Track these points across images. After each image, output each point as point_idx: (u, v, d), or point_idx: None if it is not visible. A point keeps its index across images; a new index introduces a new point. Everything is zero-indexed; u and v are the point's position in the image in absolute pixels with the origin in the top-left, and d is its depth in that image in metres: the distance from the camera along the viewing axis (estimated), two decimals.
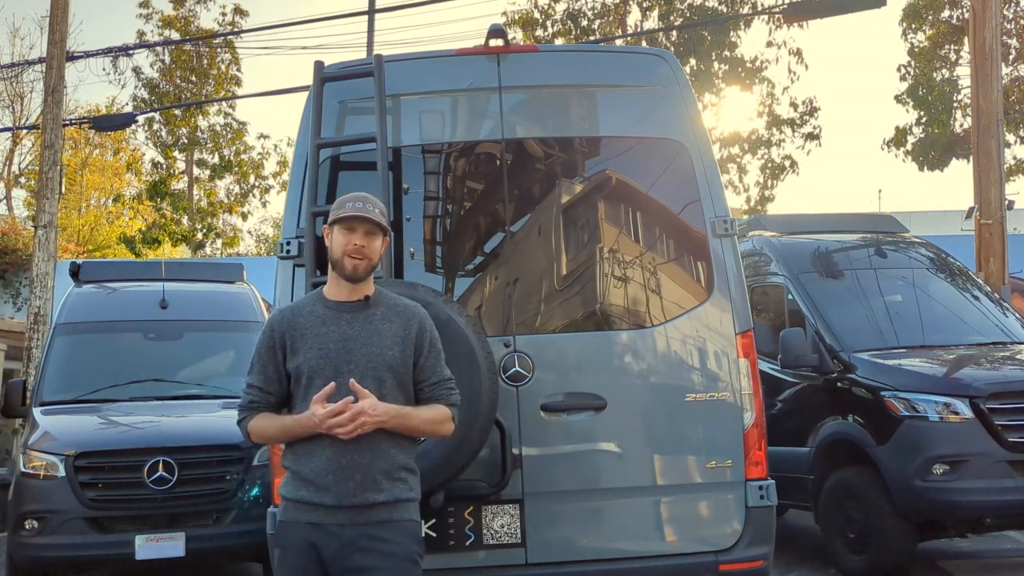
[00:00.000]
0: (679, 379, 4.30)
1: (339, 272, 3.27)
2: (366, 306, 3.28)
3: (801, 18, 16.21)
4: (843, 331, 7.36)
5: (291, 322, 3.28)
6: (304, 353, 3.22)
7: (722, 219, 4.40)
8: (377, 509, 3.15)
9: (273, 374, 3.28)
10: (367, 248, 3.24)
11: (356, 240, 3.23)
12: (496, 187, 4.45)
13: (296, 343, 3.24)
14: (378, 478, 3.15)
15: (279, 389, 3.29)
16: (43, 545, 6.37)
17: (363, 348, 3.21)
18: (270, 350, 3.28)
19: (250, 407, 3.30)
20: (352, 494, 3.12)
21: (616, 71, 4.65)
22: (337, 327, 3.23)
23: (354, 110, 4.50)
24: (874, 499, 6.68)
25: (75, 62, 15.02)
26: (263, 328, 3.37)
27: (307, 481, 3.16)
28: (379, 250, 3.29)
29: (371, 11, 15.87)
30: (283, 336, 3.27)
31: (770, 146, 22.29)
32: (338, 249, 3.25)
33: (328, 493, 3.12)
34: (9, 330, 14.35)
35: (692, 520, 4.28)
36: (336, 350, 3.20)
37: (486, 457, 4.10)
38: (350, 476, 3.12)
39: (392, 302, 3.34)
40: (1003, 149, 11.64)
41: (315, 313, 3.28)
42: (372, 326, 3.25)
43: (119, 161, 34.32)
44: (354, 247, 3.22)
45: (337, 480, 3.12)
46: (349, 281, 3.26)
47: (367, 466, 3.13)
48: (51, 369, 7.74)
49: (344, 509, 3.12)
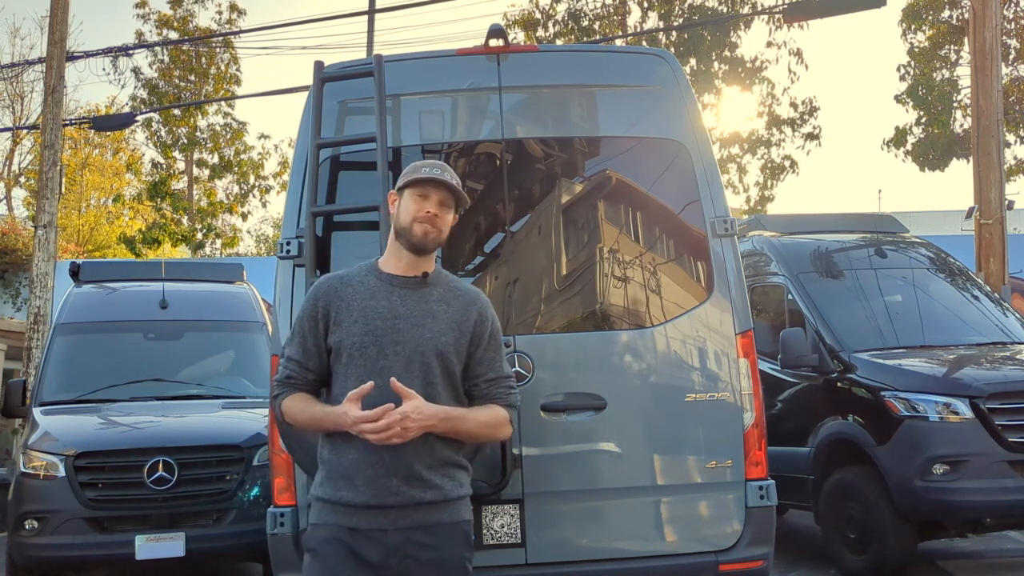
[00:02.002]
0: (679, 379, 4.30)
1: (404, 241, 2.95)
2: (423, 283, 2.98)
3: (801, 18, 16.21)
4: (843, 331, 7.36)
5: (338, 291, 2.96)
6: (348, 327, 2.90)
7: (722, 219, 4.40)
8: (424, 510, 2.85)
9: (313, 348, 2.97)
10: (440, 219, 2.95)
11: (429, 207, 2.94)
12: (496, 187, 4.45)
13: (340, 315, 2.92)
14: (424, 473, 2.85)
15: (319, 365, 2.98)
16: (43, 545, 6.37)
17: (413, 329, 2.90)
18: (311, 320, 2.97)
19: (287, 383, 2.99)
20: (395, 492, 2.81)
21: (616, 71, 4.65)
22: (388, 302, 2.92)
23: (354, 110, 4.50)
24: (874, 499, 6.68)
25: (75, 62, 15.05)
26: (307, 295, 3.06)
27: (343, 478, 2.85)
28: (450, 224, 3.00)
29: (371, 11, 15.86)
30: (327, 306, 2.95)
31: (770, 146, 22.31)
32: (406, 215, 2.94)
33: (367, 491, 2.81)
34: (9, 330, 14.34)
35: (692, 520, 4.27)
36: (383, 328, 2.89)
37: (486, 457, 4.09)
38: (392, 472, 2.81)
39: (452, 284, 3.05)
40: (1003, 149, 11.64)
41: (365, 284, 2.97)
42: (427, 306, 2.94)
43: (119, 161, 34.33)
44: (427, 214, 2.93)
45: (377, 476, 2.81)
46: (414, 252, 2.95)
47: (410, 460, 2.83)
48: (51, 369, 7.74)
49: (387, 510, 2.81)
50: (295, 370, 2.98)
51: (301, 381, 2.98)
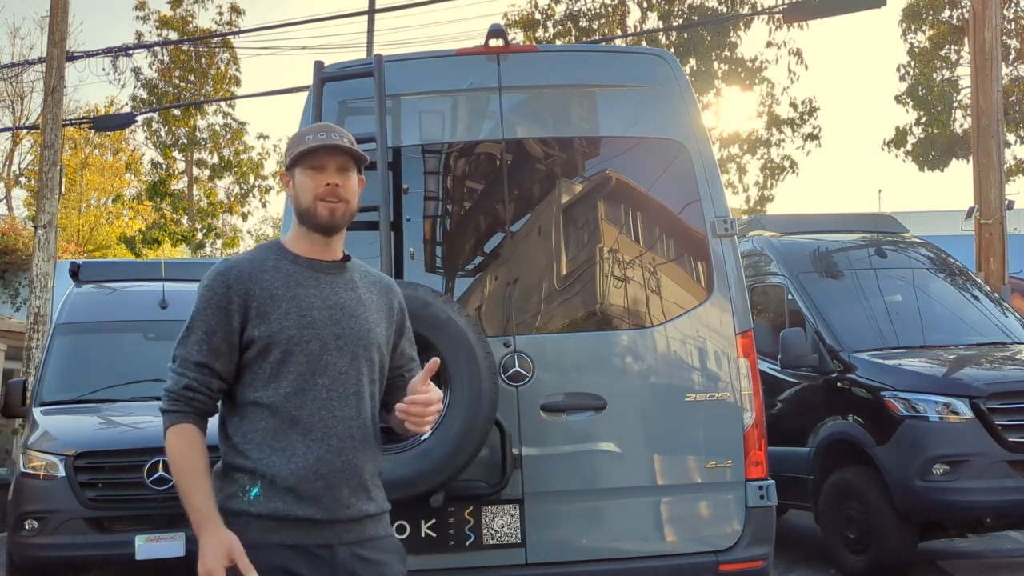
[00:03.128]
0: (679, 379, 4.30)
1: (310, 223, 2.58)
2: (344, 268, 2.64)
3: (801, 18, 16.21)
4: (843, 331, 7.36)
5: (254, 278, 2.52)
6: (279, 319, 2.48)
7: (722, 219, 4.40)
8: (366, 522, 2.55)
9: (223, 345, 2.49)
10: (342, 188, 2.57)
11: (328, 178, 2.56)
12: (496, 187, 4.45)
13: (265, 305, 2.50)
14: (368, 483, 2.55)
15: (226, 367, 2.51)
16: (43, 545, 6.38)
17: (351, 320, 2.57)
18: (222, 312, 2.49)
19: (184, 398, 2.48)
20: (345, 504, 2.49)
21: (616, 71, 4.65)
22: (318, 290, 2.56)
23: (354, 110, 4.50)
24: (874, 499, 6.68)
25: (75, 62, 15.04)
26: (206, 283, 2.54)
27: (287, 489, 2.44)
28: (356, 190, 2.63)
29: (371, 11, 15.86)
30: (246, 295, 2.50)
31: (770, 146, 22.30)
32: (306, 194, 2.56)
33: (317, 505, 2.45)
34: (9, 330, 14.35)
35: (692, 520, 4.28)
36: (322, 320, 2.52)
37: (486, 457, 4.10)
38: (344, 481, 2.49)
39: (364, 269, 2.74)
40: (1003, 149, 11.64)
41: (283, 270, 2.56)
42: (356, 294, 2.61)
43: (119, 161, 34.33)
44: (326, 188, 2.55)
45: (329, 486, 2.46)
46: (323, 233, 2.59)
47: (360, 468, 2.52)
48: (51, 369, 7.75)
49: (334, 524, 2.48)
50: (199, 379, 2.49)
51: (203, 395, 2.50)
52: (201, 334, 2.51)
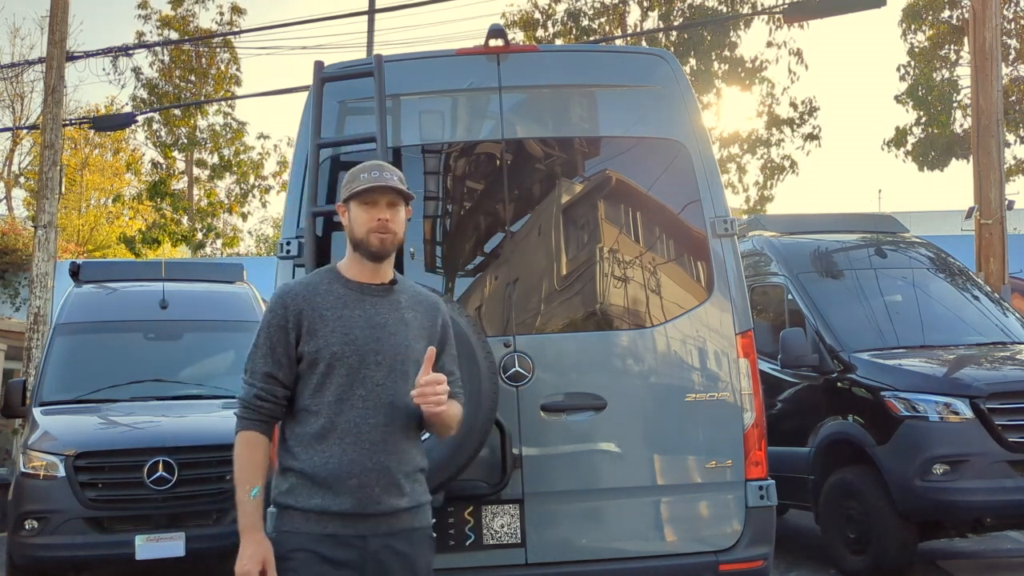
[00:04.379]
0: (679, 379, 4.30)
1: (363, 252, 2.93)
2: (391, 291, 2.98)
3: (801, 18, 16.22)
4: (843, 331, 7.36)
5: (307, 300, 2.90)
6: (325, 336, 2.85)
7: (722, 219, 4.40)
8: (400, 516, 2.87)
9: (284, 358, 2.88)
10: (392, 222, 2.92)
11: (380, 214, 2.90)
12: (496, 187, 4.45)
13: (315, 324, 2.87)
14: (401, 481, 2.87)
15: (288, 376, 2.90)
16: (43, 545, 6.38)
17: (391, 337, 2.90)
18: (281, 330, 2.88)
19: (255, 406, 2.88)
20: (376, 500, 2.81)
21: (616, 71, 4.65)
22: (363, 311, 2.91)
23: (354, 110, 4.50)
24: (874, 499, 6.68)
25: (75, 62, 15.04)
26: (270, 306, 2.96)
27: (322, 486, 2.81)
28: (404, 222, 2.98)
29: (371, 11, 15.87)
30: (299, 315, 2.88)
31: (770, 146, 22.32)
32: (360, 227, 2.91)
33: (350, 499, 2.79)
34: (9, 330, 14.35)
35: (692, 520, 4.27)
36: (363, 337, 2.87)
37: (486, 457, 4.10)
38: (375, 480, 2.81)
39: (414, 290, 3.08)
40: (1003, 149, 11.64)
41: (334, 293, 2.93)
42: (399, 315, 2.95)
43: (119, 161, 34.34)
44: (379, 223, 2.90)
45: (362, 484, 2.79)
46: (375, 260, 2.94)
47: (392, 468, 2.84)
48: (51, 369, 7.75)
49: (366, 518, 2.81)
50: (266, 388, 2.88)
51: (271, 403, 2.89)
52: (266, 348, 2.91)
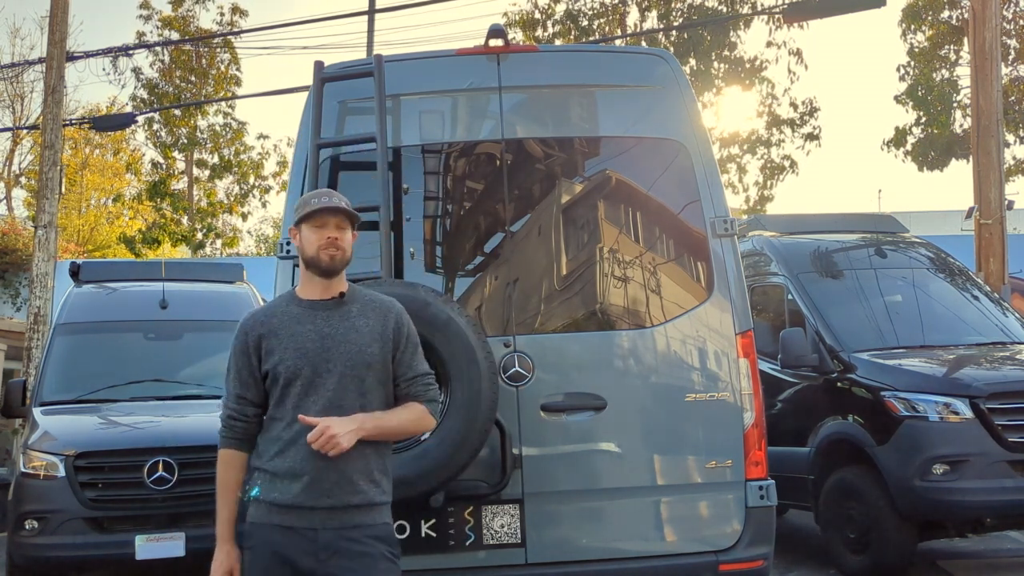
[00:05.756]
0: (679, 379, 4.30)
1: (315, 269, 3.20)
2: (341, 303, 3.23)
3: (801, 18, 16.22)
4: (843, 331, 7.36)
5: (264, 323, 3.21)
6: (280, 353, 3.15)
7: (722, 219, 4.40)
8: (352, 512, 3.10)
9: (250, 379, 3.21)
10: (340, 240, 3.19)
11: (329, 233, 3.18)
12: (496, 187, 4.45)
13: (271, 344, 3.17)
14: (355, 479, 3.10)
15: (257, 395, 3.21)
16: (43, 545, 6.37)
17: (341, 346, 3.15)
18: (243, 355, 3.21)
19: (229, 424, 3.23)
20: (327, 494, 3.07)
21: (616, 71, 4.65)
22: (314, 325, 3.17)
23: (354, 110, 4.50)
24: (874, 499, 6.68)
25: (75, 62, 15.02)
26: (235, 333, 3.27)
27: (281, 480, 3.11)
28: (351, 242, 3.24)
29: (371, 11, 15.86)
30: (258, 339, 3.19)
31: (770, 146, 22.30)
32: (311, 246, 3.19)
33: (303, 494, 3.07)
34: (9, 330, 14.35)
35: (692, 520, 4.28)
36: (314, 349, 3.13)
37: (486, 457, 4.10)
38: (327, 476, 3.07)
39: (367, 298, 3.28)
40: (1003, 149, 11.64)
41: (289, 313, 3.22)
42: (349, 323, 3.19)
43: (119, 161, 34.32)
44: (328, 240, 3.17)
45: (313, 481, 3.06)
46: (325, 276, 3.20)
47: (344, 468, 3.08)
48: (51, 369, 7.75)
49: (319, 511, 3.08)
50: (237, 408, 3.21)
51: (242, 422, 3.22)
52: (234, 372, 3.24)
